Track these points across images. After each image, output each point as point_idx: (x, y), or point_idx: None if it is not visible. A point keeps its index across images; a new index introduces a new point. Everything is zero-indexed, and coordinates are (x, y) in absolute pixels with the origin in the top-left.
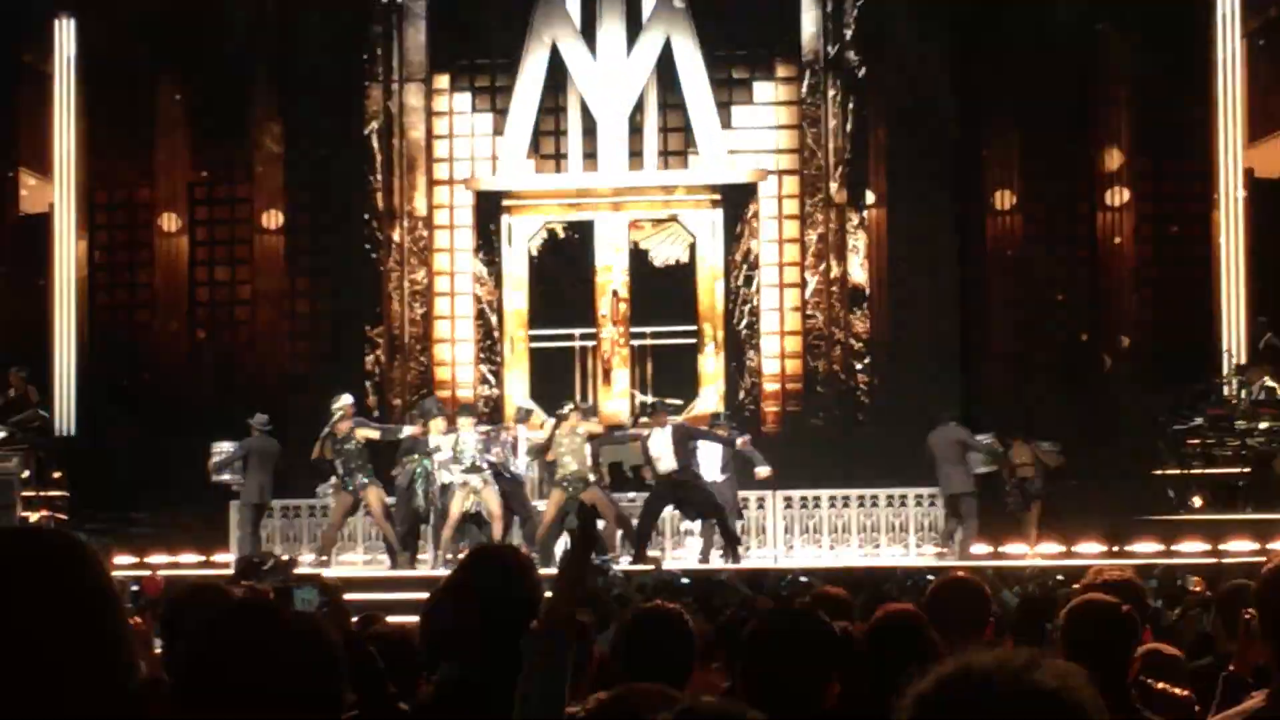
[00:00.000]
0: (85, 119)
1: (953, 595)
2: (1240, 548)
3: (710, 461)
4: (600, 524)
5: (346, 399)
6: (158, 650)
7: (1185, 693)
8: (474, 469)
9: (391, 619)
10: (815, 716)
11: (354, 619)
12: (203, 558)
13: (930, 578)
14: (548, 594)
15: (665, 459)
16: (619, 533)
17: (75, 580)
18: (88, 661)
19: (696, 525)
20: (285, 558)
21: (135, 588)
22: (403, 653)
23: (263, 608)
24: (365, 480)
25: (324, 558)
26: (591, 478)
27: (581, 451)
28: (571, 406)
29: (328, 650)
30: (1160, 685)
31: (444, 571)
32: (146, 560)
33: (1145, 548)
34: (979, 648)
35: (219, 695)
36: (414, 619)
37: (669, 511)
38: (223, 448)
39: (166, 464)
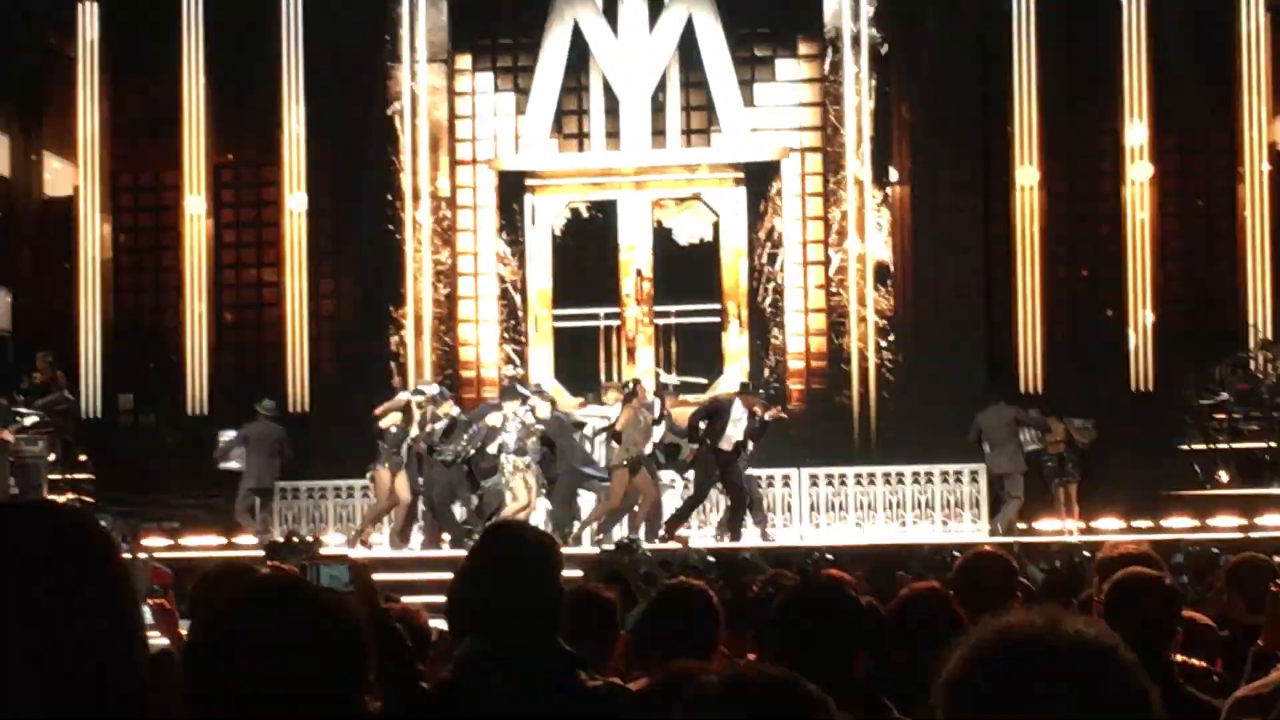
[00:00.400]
0: (108, 102)
1: (980, 569)
2: (1271, 522)
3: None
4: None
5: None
6: (184, 630)
7: (1205, 665)
8: (518, 451)
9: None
10: (845, 687)
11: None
12: (225, 540)
13: (956, 554)
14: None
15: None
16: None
17: (88, 554)
18: (100, 635)
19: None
20: (310, 537)
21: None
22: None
23: (286, 583)
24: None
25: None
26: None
27: (648, 431)
28: (632, 387)
29: (350, 626)
30: (1179, 658)
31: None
32: (150, 548)
33: (1175, 523)
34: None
35: (240, 668)
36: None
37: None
38: (225, 435)
39: (192, 448)
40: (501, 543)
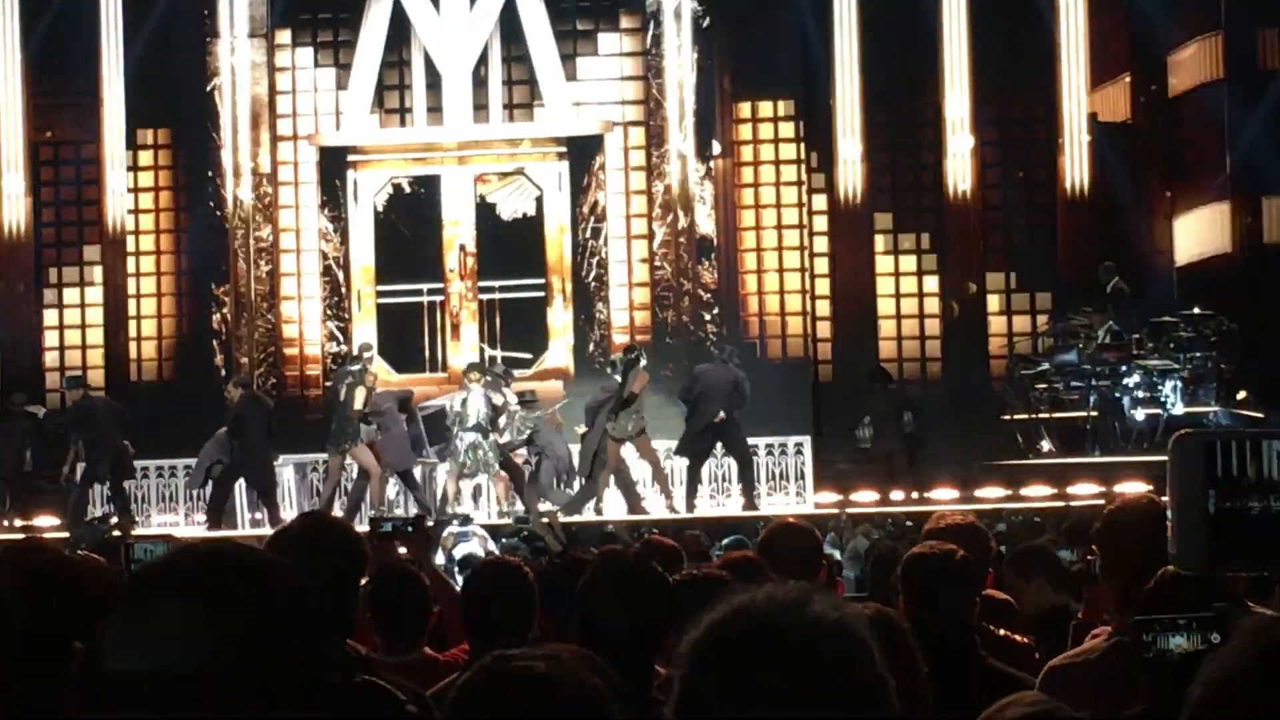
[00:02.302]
0: None
1: (783, 539)
2: (1085, 491)
3: None
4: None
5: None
6: None
7: (1026, 640)
8: (478, 429)
9: None
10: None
11: None
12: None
13: None
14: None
15: None
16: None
17: None
18: None
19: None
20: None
21: None
22: None
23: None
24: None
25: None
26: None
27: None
28: (638, 353)
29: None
30: (1002, 632)
31: None
32: None
33: (991, 493)
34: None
35: None
36: None
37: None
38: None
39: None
40: (300, 530)
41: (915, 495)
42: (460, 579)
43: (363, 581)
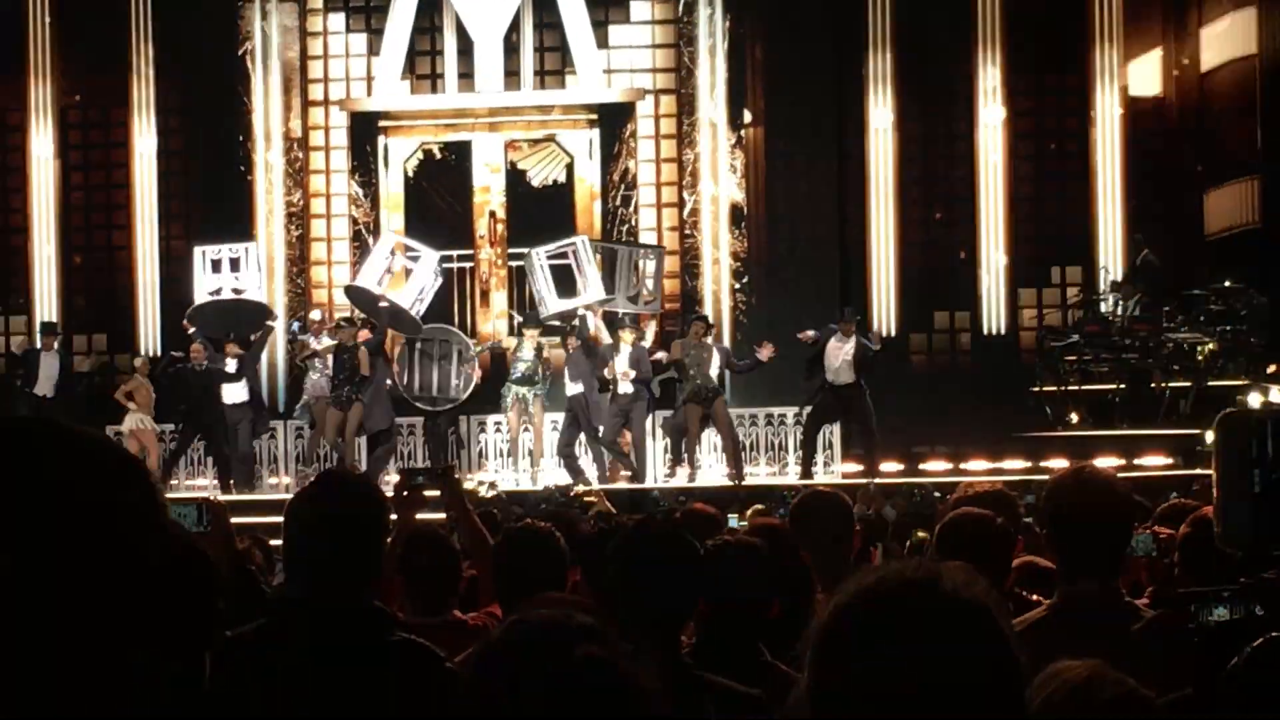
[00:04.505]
0: None
1: (815, 508)
2: (1108, 464)
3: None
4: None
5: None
6: None
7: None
8: (526, 380)
9: None
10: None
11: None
12: None
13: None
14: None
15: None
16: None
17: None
18: None
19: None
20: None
21: None
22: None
23: None
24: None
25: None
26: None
27: (709, 363)
28: (695, 318)
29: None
30: (1035, 596)
31: None
32: None
33: (1016, 464)
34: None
35: None
36: None
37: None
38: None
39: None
40: (326, 493)
41: (949, 466)
42: None
43: (389, 540)
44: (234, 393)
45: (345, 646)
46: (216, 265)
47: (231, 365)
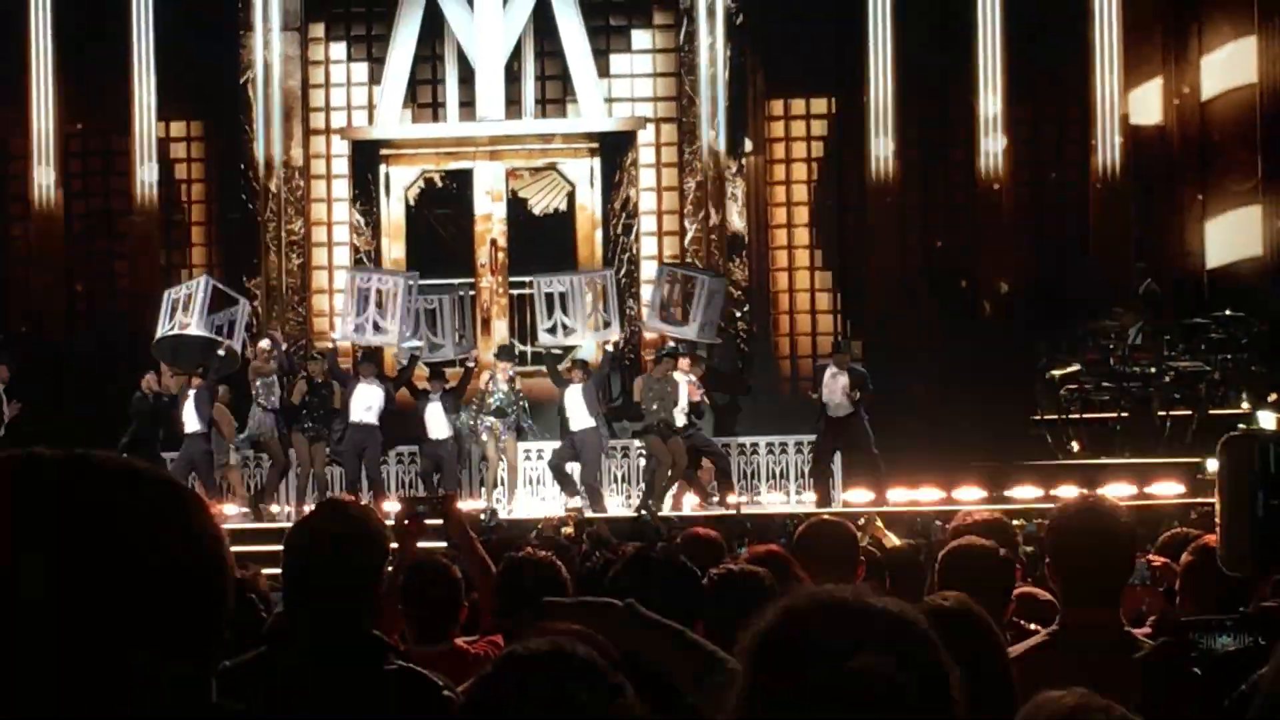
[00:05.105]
0: None
1: (819, 537)
2: (1120, 492)
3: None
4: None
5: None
6: None
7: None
8: (499, 413)
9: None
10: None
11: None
12: None
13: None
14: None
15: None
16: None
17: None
18: None
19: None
20: None
21: None
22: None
23: None
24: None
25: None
26: (680, 423)
27: (674, 399)
28: (667, 351)
29: None
30: (1034, 626)
31: None
32: None
33: (1022, 493)
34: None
35: None
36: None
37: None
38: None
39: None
40: (326, 521)
41: (942, 494)
42: None
43: (390, 569)
44: (192, 422)
45: (343, 675)
46: (174, 307)
47: (191, 394)
